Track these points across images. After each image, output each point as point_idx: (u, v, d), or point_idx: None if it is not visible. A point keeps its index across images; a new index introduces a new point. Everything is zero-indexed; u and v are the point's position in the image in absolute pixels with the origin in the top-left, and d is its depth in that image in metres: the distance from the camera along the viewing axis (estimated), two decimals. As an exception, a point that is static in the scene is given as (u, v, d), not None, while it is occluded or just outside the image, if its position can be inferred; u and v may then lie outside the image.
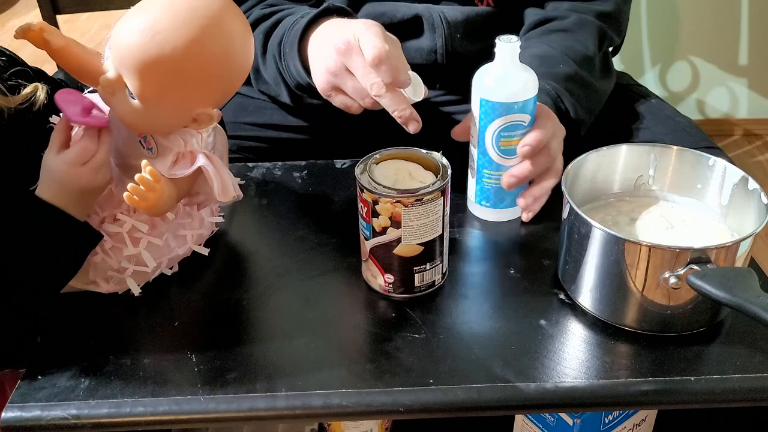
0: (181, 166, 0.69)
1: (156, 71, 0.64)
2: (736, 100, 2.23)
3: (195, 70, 0.65)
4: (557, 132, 0.82)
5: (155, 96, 0.65)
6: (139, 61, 0.63)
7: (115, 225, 0.72)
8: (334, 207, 0.87)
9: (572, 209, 0.67)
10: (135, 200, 0.65)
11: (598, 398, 0.64)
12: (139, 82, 0.65)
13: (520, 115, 0.77)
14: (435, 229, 0.70)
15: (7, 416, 0.62)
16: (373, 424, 0.87)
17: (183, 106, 0.67)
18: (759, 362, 0.65)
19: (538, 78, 0.78)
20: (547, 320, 0.70)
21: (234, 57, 0.68)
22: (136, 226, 0.72)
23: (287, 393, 0.63)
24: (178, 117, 0.68)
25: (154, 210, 0.68)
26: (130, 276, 0.72)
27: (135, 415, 0.62)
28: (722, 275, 0.62)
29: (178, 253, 0.76)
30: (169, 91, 0.66)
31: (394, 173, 0.71)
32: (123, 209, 0.72)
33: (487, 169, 0.81)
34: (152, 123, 0.68)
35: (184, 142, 0.70)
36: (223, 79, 0.68)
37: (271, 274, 0.77)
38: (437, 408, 0.63)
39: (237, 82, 0.70)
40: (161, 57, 0.63)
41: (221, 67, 0.67)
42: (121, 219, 0.72)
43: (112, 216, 0.72)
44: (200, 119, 0.69)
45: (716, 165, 0.73)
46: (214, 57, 0.66)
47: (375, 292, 0.74)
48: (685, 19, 2.10)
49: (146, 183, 0.64)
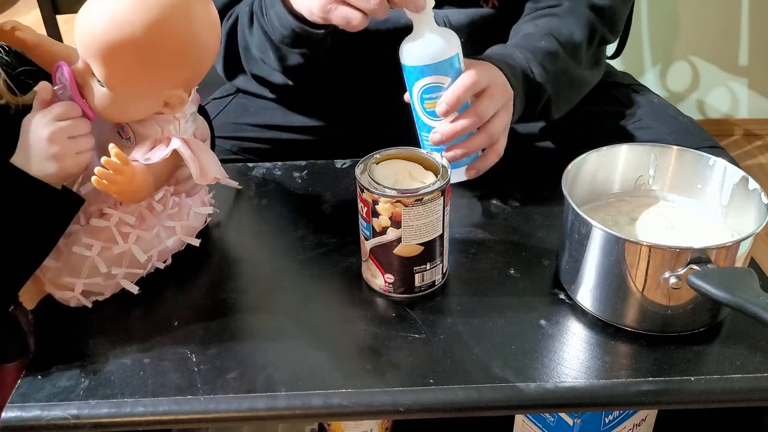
0: (155, 151, 0.69)
1: (118, 55, 0.64)
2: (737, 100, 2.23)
3: (157, 52, 0.65)
4: (502, 111, 0.82)
5: (121, 81, 0.66)
6: (102, 46, 0.64)
7: (103, 219, 0.71)
8: (334, 207, 0.87)
9: (572, 209, 0.67)
10: (104, 184, 0.64)
11: (598, 398, 0.64)
12: (104, 68, 0.65)
13: (437, 77, 0.78)
14: (435, 229, 0.70)
15: (7, 416, 0.62)
16: (373, 424, 0.87)
17: (150, 89, 0.67)
18: (759, 362, 0.65)
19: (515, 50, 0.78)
20: (547, 320, 0.70)
21: (197, 38, 0.67)
22: (124, 219, 0.71)
23: (287, 393, 0.63)
24: (148, 101, 0.68)
25: (127, 195, 0.67)
26: (123, 278, 0.72)
27: (135, 415, 0.62)
28: (722, 275, 0.62)
29: (167, 246, 0.75)
30: (134, 74, 0.66)
31: (394, 173, 0.71)
32: (110, 203, 0.71)
33: (423, 131, 0.83)
34: (124, 110, 0.68)
35: (161, 128, 0.70)
36: (188, 60, 0.68)
37: (271, 274, 0.77)
38: (437, 408, 0.63)
39: (203, 63, 0.70)
40: (122, 40, 0.63)
41: (184, 48, 0.67)
42: (108, 212, 0.71)
43: (98, 211, 0.71)
44: (172, 102, 0.69)
45: (716, 165, 0.73)
46: (176, 38, 0.66)
47: (375, 292, 0.74)
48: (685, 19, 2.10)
49: (113, 166, 0.64)
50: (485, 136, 0.82)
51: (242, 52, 0.99)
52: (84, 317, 0.72)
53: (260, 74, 1.00)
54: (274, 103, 1.07)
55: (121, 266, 0.72)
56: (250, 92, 1.08)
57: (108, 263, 0.71)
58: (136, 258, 0.72)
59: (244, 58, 0.99)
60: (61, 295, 0.72)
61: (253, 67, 1.00)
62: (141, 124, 0.70)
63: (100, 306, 0.73)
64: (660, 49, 2.15)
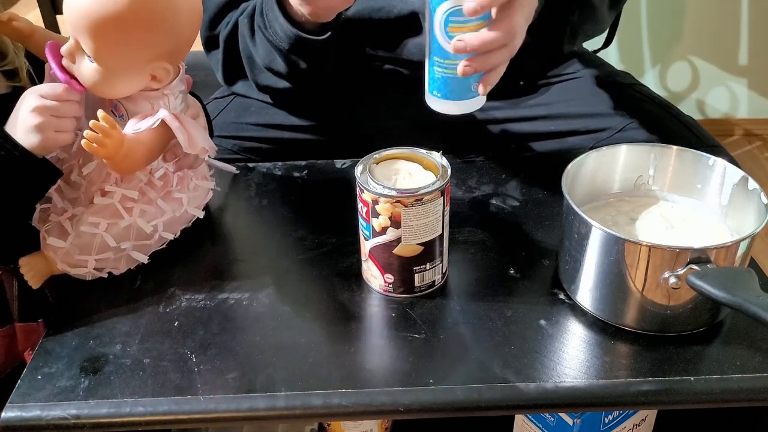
0: (144, 122, 0.71)
1: (103, 27, 0.67)
2: (736, 100, 2.23)
3: (140, 23, 0.68)
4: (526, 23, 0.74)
5: (109, 54, 0.68)
6: (87, 20, 0.66)
7: (106, 197, 0.73)
8: (334, 207, 0.87)
9: (572, 209, 0.67)
10: (93, 147, 0.67)
11: (598, 398, 0.64)
12: (92, 41, 0.68)
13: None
14: (435, 229, 0.70)
15: (7, 416, 0.62)
16: (373, 424, 0.87)
17: (136, 61, 0.70)
18: (759, 362, 0.65)
19: None
20: (547, 320, 0.70)
21: (176, 9, 0.69)
22: (126, 194, 0.74)
23: (287, 393, 0.63)
24: (136, 74, 0.71)
25: (117, 161, 0.69)
26: (132, 251, 0.75)
27: (135, 415, 0.62)
28: (722, 275, 0.62)
29: (174, 215, 0.78)
30: (120, 46, 0.68)
31: (394, 173, 0.71)
32: (110, 182, 0.74)
33: (437, 56, 0.73)
34: (114, 84, 0.71)
35: (151, 105, 0.73)
36: (171, 31, 0.70)
37: (271, 274, 0.77)
38: (437, 408, 0.63)
39: (184, 35, 0.72)
40: (105, 13, 0.66)
41: (167, 19, 0.69)
42: (110, 190, 0.74)
43: (100, 191, 0.74)
44: (158, 75, 0.71)
45: (716, 165, 0.73)
46: (158, 9, 0.68)
47: (375, 292, 0.74)
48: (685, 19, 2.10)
49: (101, 128, 0.66)
50: (507, 52, 0.73)
51: (246, 62, 1.00)
52: (84, 317, 0.72)
53: (265, 83, 1.01)
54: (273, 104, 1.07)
55: (129, 239, 0.74)
56: (251, 97, 1.08)
57: (116, 239, 0.74)
58: (142, 230, 0.75)
59: (248, 68, 1.00)
60: (75, 272, 0.74)
61: (258, 76, 1.00)
62: (132, 101, 0.73)
63: (100, 306, 0.73)
64: (660, 49, 2.15)
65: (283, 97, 1.04)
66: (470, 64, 0.71)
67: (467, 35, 0.70)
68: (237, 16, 0.99)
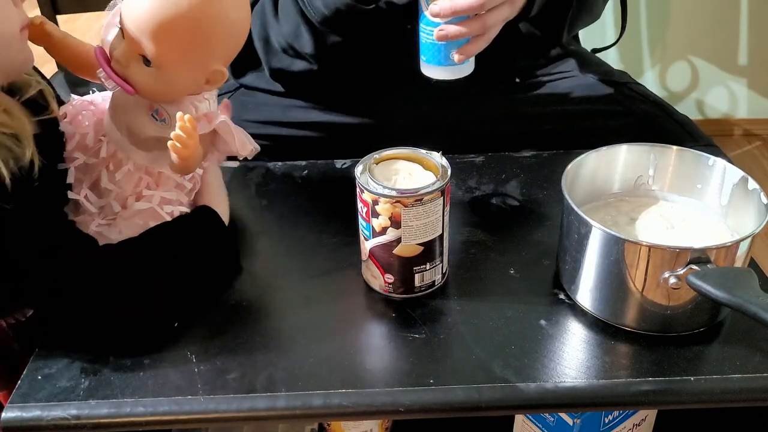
0: (200, 126, 0.70)
1: (174, 31, 0.66)
2: (736, 100, 2.23)
3: (211, 25, 0.67)
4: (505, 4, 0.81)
5: (174, 58, 0.67)
6: (157, 23, 0.65)
7: (143, 201, 0.72)
8: (334, 207, 0.87)
9: (572, 209, 0.67)
10: (177, 147, 0.66)
11: (598, 398, 0.64)
12: (158, 46, 0.66)
13: None
14: (435, 229, 0.70)
15: (7, 416, 0.62)
16: (373, 424, 0.87)
17: (200, 64, 0.69)
18: (759, 362, 0.65)
19: None
20: (547, 320, 0.70)
21: (243, 10, 0.70)
22: (165, 196, 0.73)
23: (287, 393, 0.63)
24: (195, 78, 0.70)
25: (190, 162, 0.69)
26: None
27: (135, 415, 0.62)
28: (722, 275, 0.62)
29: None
30: (188, 50, 0.67)
31: (394, 173, 0.71)
32: (143, 187, 0.73)
33: (422, 23, 0.82)
34: (168, 89, 0.70)
35: (195, 108, 0.72)
36: (230, 32, 0.70)
37: (271, 274, 0.77)
38: (437, 408, 0.63)
39: (243, 36, 0.72)
40: (178, 15, 0.65)
41: (234, 19, 0.69)
42: (148, 194, 0.72)
43: (136, 195, 0.73)
44: (214, 78, 0.71)
45: (716, 165, 0.73)
46: (228, 8, 0.67)
47: (375, 292, 0.74)
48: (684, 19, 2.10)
49: (186, 130, 0.66)
50: (479, 24, 0.80)
51: (261, 46, 1.01)
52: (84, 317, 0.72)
53: (279, 66, 1.01)
54: (274, 99, 1.07)
55: None
56: (261, 89, 1.08)
57: None
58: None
59: (263, 52, 1.01)
60: None
61: (272, 59, 1.01)
62: (175, 105, 0.71)
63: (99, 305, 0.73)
64: (659, 49, 2.15)
65: (295, 80, 1.04)
66: (444, 29, 0.79)
67: (442, 1, 0.78)
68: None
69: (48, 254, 0.66)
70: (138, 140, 0.72)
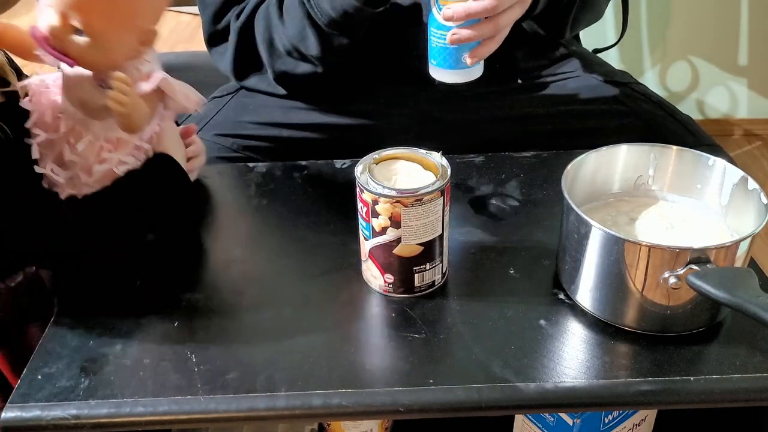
0: (143, 86, 0.74)
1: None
2: (736, 100, 2.23)
3: None
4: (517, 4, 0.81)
5: (103, 23, 0.70)
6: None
7: (104, 164, 0.75)
8: (334, 207, 0.87)
9: (572, 209, 0.67)
10: (116, 105, 0.70)
11: (598, 398, 0.64)
12: (85, 14, 0.69)
13: None
14: (435, 229, 0.70)
15: (7, 416, 0.62)
16: (373, 424, 0.87)
17: (130, 26, 0.72)
18: (759, 362, 0.65)
19: None
20: (547, 320, 0.70)
21: None
22: (122, 158, 0.75)
23: (287, 393, 0.63)
24: (128, 40, 0.73)
25: (133, 119, 0.72)
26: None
27: (135, 415, 0.62)
28: (722, 275, 0.62)
29: None
30: (114, 12, 0.70)
31: (394, 173, 0.71)
32: (104, 154, 0.75)
33: (433, 26, 0.82)
34: (106, 55, 0.72)
35: (138, 72, 0.75)
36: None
37: (271, 274, 0.77)
38: (437, 408, 0.63)
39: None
40: None
41: None
42: (107, 157, 0.75)
43: (98, 161, 0.75)
44: (147, 39, 0.74)
45: (716, 165, 0.73)
46: None
47: (375, 292, 0.74)
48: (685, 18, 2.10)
49: (120, 87, 0.69)
50: (491, 26, 0.81)
51: (264, 49, 1.00)
52: (84, 317, 0.72)
53: (283, 69, 1.01)
54: (274, 101, 1.07)
55: None
56: (262, 91, 1.08)
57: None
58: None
59: (267, 54, 1.00)
60: None
61: (276, 62, 1.01)
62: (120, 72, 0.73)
63: (100, 306, 0.73)
64: (660, 49, 2.15)
65: (299, 82, 1.04)
66: (457, 32, 0.80)
67: (455, 5, 0.79)
68: (251, 6, 1.00)
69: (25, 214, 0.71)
70: (92, 111, 0.74)
